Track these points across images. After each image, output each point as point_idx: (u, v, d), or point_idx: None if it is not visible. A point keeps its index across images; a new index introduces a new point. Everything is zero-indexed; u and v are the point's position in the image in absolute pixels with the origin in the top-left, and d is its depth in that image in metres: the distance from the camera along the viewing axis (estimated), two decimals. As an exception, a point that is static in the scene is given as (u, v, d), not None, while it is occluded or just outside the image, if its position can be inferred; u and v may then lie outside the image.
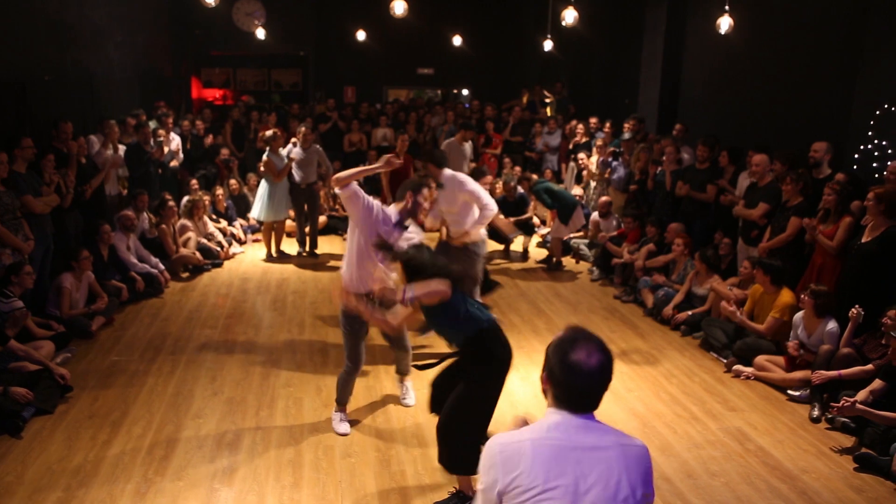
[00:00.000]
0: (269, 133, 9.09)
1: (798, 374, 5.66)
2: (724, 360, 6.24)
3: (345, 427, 4.85)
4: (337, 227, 10.77)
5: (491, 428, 3.86)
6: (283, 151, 9.03)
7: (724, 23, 7.71)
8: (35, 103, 7.16)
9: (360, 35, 13.04)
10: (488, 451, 1.96)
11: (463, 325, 3.83)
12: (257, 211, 9.24)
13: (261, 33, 11.67)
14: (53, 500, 4.01)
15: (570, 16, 9.16)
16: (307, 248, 9.60)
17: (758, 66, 9.10)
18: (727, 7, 7.59)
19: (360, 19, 13.59)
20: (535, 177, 10.53)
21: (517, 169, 11.68)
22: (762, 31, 8.81)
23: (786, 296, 6.05)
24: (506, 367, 3.87)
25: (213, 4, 8.90)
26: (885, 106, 6.93)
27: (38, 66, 7.45)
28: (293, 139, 9.35)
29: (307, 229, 9.57)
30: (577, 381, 1.94)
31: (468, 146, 9.12)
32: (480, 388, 3.83)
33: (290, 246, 9.77)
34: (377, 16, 13.74)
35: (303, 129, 9.24)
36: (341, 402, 4.93)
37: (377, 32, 13.62)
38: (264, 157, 8.99)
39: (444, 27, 14.28)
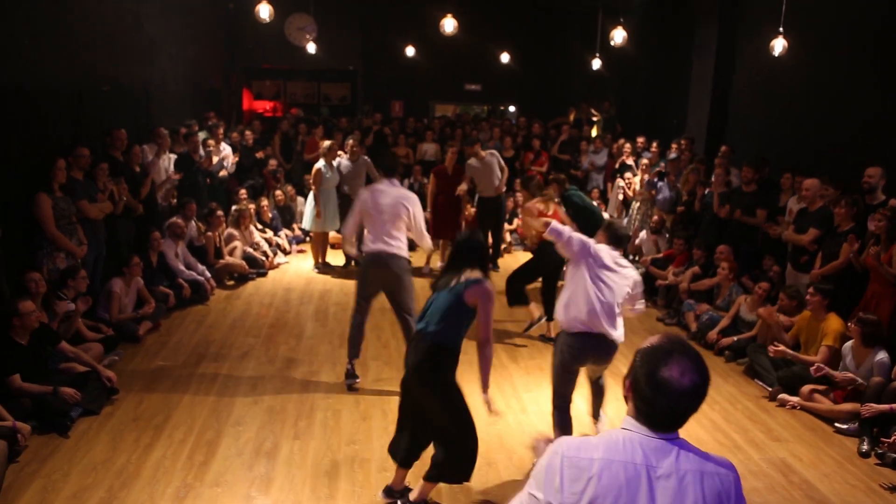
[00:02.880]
0: (326, 144, 9.25)
1: (846, 406, 5.50)
2: (770, 388, 6.09)
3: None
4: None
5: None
6: (334, 163, 9.18)
7: (778, 45, 7.58)
8: (91, 113, 7.39)
9: (409, 51, 13.19)
10: (552, 457, 1.80)
11: (463, 328, 3.98)
12: (307, 221, 9.40)
13: (312, 48, 11.87)
14: (96, 499, 4.10)
15: (619, 35, 9.13)
16: (354, 261, 9.68)
17: (810, 88, 8.92)
18: (781, 29, 7.46)
19: (409, 35, 13.75)
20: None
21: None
22: (815, 53, 8.64)
23: (835, 322, 5.90)
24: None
25: (268, 20, 9.10)
26: (945, 132, 6.73)
27: (96, 76, 7.69)
28: (340, 152, 9.48)
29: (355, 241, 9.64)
30: (665, 400, 1.74)
31: (488, 160, 9.09)
32: (452, 390, 3.94)
33: (336, 258, 9.86)
34: (425, 32, 13.90)
35: (350, 141, 9.37)
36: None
37: (425, 48, 13.76)
38: (316, 166, 9.14)
39: (491, 43, 14.35)
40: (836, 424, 5.48)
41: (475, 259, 4.03)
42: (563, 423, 4.62)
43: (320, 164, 9.17)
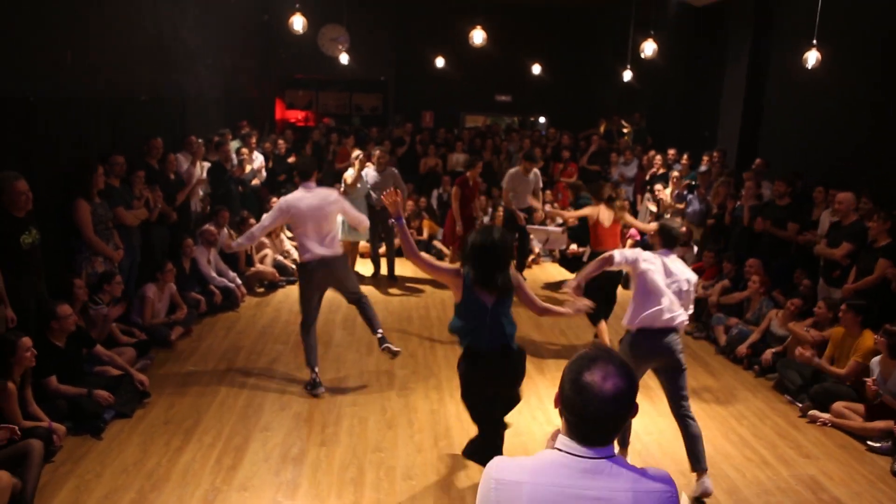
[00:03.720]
0: (355, 154, 9.34)
1: (879, 424, 5.40)
2: (800, 405, 6.00)
3: None
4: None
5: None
6: (363, 173, 9.24)
7: (812, 57, 7.49)
8: (129, 122, 7.57)
9: (440, 62, 13.30)
10: (485, 482, 1.77)
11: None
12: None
13: (344, 58, 12.03)
14: (127, 500, 4.20)
15: (649, 48, 9.11)
16: (382, 271, 9.76)
17: (843, 100, 8.81)
18: (815, 41, 7.38)
19: (440, 46, 13.87)
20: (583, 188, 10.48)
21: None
22: (849, 66, 8.53)
23: (868, 339, 5.81)
24: None
25: (301, 32, 9.25)
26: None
27: (135, 86, 7.87)
28: (368, 163, 9.55)
29: (382, 251, 9.73)
30: (587, 405, 1.69)
31: (532, 176, 9.15)
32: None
33: (365, 267, 9.93)
34: (456, 43, 13.98)
35: (377, 151, 9.44)
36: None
37: (456, 59, 13.86)
38: (345, 176, 9.21)
39: (522, 55, 14.40)
40: (869, 442, 5.38)
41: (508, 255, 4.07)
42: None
43: (349, 173, 9.23)
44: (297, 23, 9.10)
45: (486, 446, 4.17)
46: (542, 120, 17.31)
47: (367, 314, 6.02)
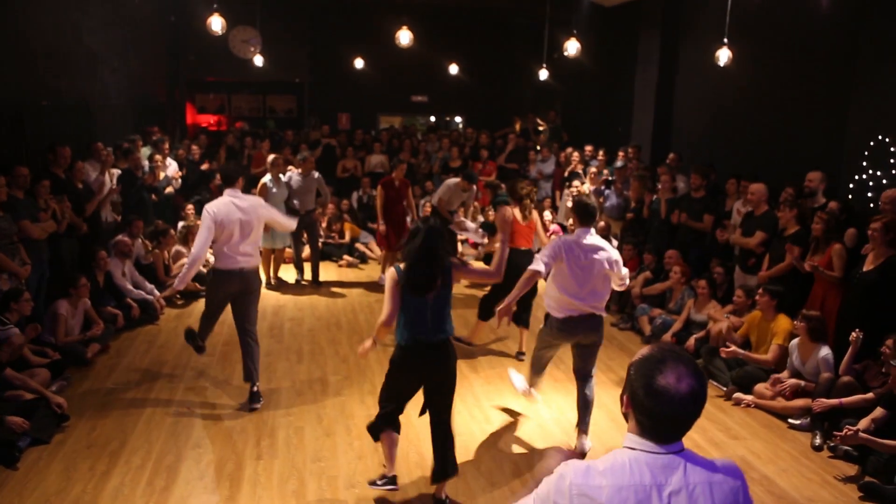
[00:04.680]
0: (270, 158, 9.11)
1: (799, 403, 5.68)
2: (724, 388, 6.24)
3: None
4: (331, 253, 10.73)
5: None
6: (283, 178, 9.01)
7: (723, 55, 7.80)
8: (31, 129, 7.14)
9: (359, 63, 13.18)
10: (560, 481, 1.77)
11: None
12: None
13: (258, 60, 11.73)
14: (52, 532, 3.93)
15: (572, 47, 9.28)
16: (306, 276, 9.57)
17: (751, 96, 9.24)
18: (725, 40, 7.69)
19: (355, 47, 13.73)
20: (503, 187, 10.62)
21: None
22: (756, 62, 8.96)
23: (784, 322, 6.10)
24: None
25: (220, 32, 8.92)
26: (879, 137, 7.04)
27: (35, 91, 7.43)
28: (290, 167, 9.35)
29: (305, 256, 9.53)
30: (665, 409, 1.71)
31: (466, 194, 9.23)
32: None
33: (288, 273, 9.71)
34: (371, 44, 13.91)
35: (307, 154, 9.27)
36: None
37: (371, 60, 13.75)
38: (262, 181, 8.95)
39: (438, 55, 14.41)
40: (790, 420, 5.65)
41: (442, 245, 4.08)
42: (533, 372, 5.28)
43: (266, 178, 9.00)
44: (216, 23, 8.77)
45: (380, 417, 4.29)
46: (458, 120, 17.39)
47: (251, 357, 5.65)
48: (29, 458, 4.72)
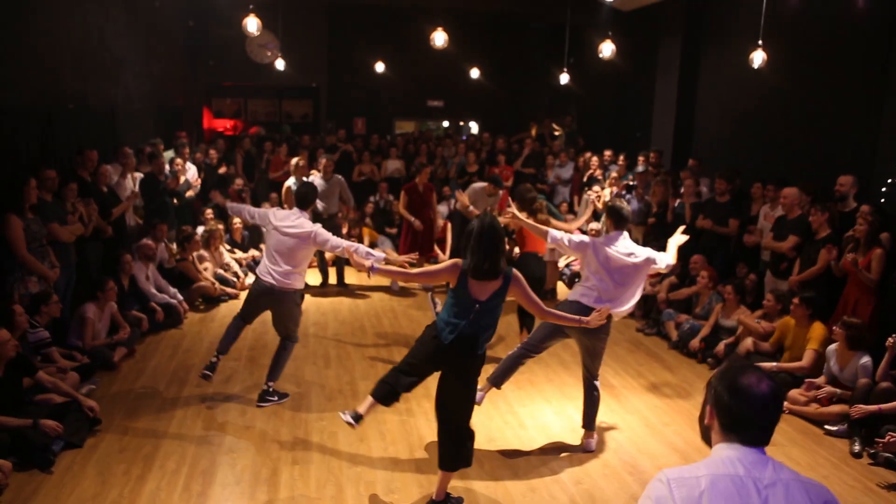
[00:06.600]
0: (294, 161, 9.09)
1: (834, 409, 5.60)
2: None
3: None
4: (353, 257, 10.68)
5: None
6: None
7: (758, 57, 7.70)
8: (58, 132, 7.13)
9: (379, 67, 13.20)
10: (658, 485, 1.84)
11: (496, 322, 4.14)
12: None
13: (280, 64, 11.74)
14: (92, 537, 3.89)
15: (607, 48, 9.26)
16: (330, 280, 9.54)
17: (779, 99, 9.16)
18: (760, 42, 7.63)
19: (372, 52, 13.71)
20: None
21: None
22: (785, 65, 8.88)
23: (819, 329, 6.02)
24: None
25: (256, 33, 8.90)
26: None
27: (62, 95, 7.43)
28: (312, 171, 9.34)
29: (329, 259, 9.52)
30: (749, 406, 1.84)
31: (492, 198, 9.19)
32: (475, 381, 4.15)
33: (313, 277, 9.66)
34: (388, 48, 13.89)
35: (324, 160, 9.24)
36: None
37: (388, 64, 13.72)
38: (286, 184, 8.94)
39: (455, 60, 14.38)
40: (826, 427, 5.57)
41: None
42: (513, 359, 5.29)
43: (291, 181, 9.00)
44: (252, 24, 8.73)
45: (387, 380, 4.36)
46: (472, 125, 17.36)
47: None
48: (63, 461, 4.68)
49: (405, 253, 9.60)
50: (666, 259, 5.09)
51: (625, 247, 4.92)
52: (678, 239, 5.38)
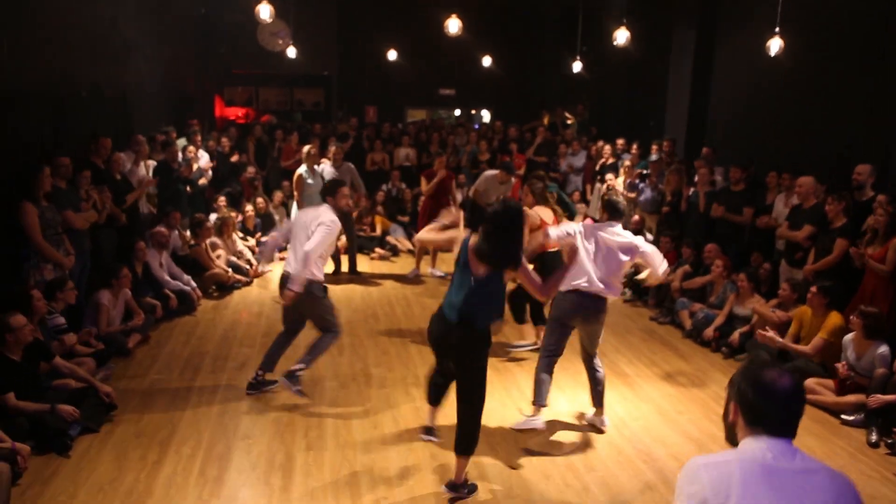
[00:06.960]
0: (305, 149, 9.09)
1: (851, 398, 5.56)
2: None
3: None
4: (363, 246, 10.68)
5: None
6: (318, 169, 9.00)
7: (775, 44, 7.64)
8: (71, 118, 7.14)
9: (392, 55, 13.16)
10: (690, 470, 1.90)
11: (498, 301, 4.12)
12: None
13: (291, 52, 11.72)
14: (110, 521, 3.92)
15: (622, 35, 9.20)
16: (344, 269, 9.55)
17: (795, 88, 9.05)
18: (777, 28, 7.54)
19: (384, 40, 13.66)
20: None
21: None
22: (799, 52, 8.78)
23: (834, 318, 5.97)
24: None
25: (269, 20, 8.84)
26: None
27: (76, 82, 7.44)
28: (323, 159, 9.33)
29: (340, 245, 9.53)
30: (773, 400, 1.90)
31: (504, 186, 9.14)
32: (484, 368, 4.13)
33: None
34: (400, 37, 13.84)
35: (334, 148, 9.23)
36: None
37: (400, 53, 13.68)
38: (297, 172, 8.94)
39: (467, 48, 14.32)
40: (843, 416, 5.53)
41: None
42: (542, 370, 5.20)
43: (302, 169, 9.00)
44: (264, 11, 8.69)
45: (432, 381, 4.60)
46: (484, 113, 17.30)
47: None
48: (80, 446, 4.72)
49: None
50: (658, 258, 5.16)
51: (615, 232, 5.07)
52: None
